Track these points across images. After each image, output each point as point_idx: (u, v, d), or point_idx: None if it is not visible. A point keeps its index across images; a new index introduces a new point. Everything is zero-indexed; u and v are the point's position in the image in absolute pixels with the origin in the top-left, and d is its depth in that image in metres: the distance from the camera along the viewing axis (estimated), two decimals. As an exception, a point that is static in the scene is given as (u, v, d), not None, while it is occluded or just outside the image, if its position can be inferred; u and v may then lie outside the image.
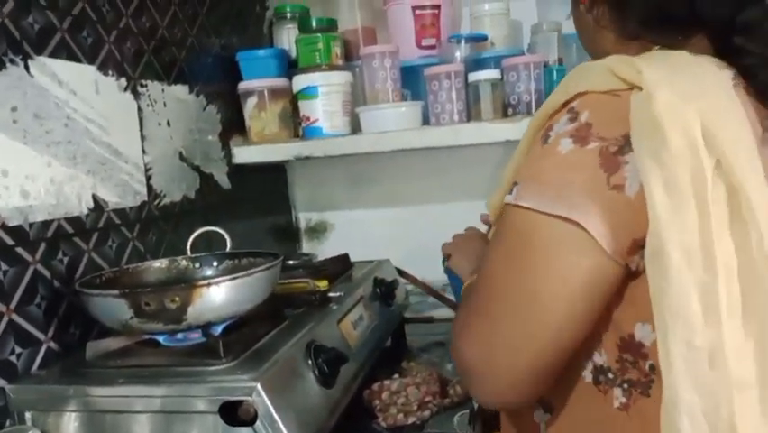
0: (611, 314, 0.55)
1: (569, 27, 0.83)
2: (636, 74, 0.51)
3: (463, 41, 1.35)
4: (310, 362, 0.78)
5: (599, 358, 0.57)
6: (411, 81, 1.36)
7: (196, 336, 0.80)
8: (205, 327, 0.77)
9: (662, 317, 0.49)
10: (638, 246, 0.51)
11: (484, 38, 1.37)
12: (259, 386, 0.66)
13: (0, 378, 0.74)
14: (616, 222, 0.50)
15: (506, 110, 1.27)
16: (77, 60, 0.90)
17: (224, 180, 1.30)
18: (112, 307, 0.74)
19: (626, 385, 0.55)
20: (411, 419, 0.85)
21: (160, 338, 0.80)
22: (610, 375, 0.56)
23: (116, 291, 0.73)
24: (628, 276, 0.53)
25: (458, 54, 1.35)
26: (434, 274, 1.44)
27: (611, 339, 0.56)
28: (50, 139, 0.84)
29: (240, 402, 0.67)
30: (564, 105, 0.55)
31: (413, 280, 1.40)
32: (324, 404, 0.77)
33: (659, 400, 0.50)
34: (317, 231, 1.67)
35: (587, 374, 0.58)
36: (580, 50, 0.92)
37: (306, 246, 1.68)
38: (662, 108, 0.48)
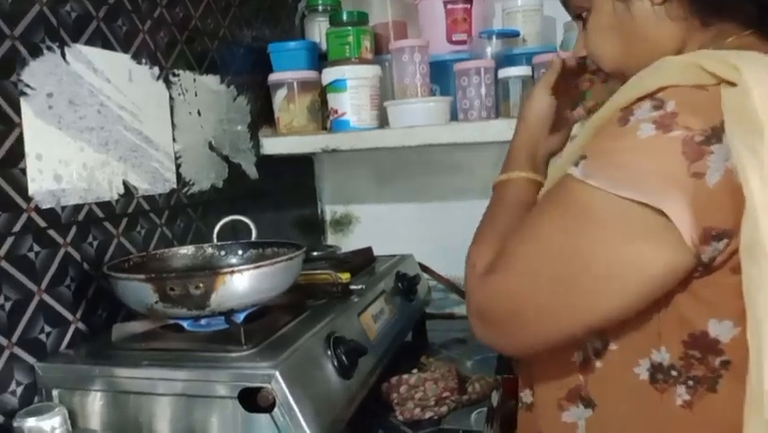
0: (678, 310, 0.55)
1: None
2: (730, 70, 0.51)
3: (495, 37, 1.34)
4: (329, 352, 0.78)
5: (659, 356, 0.57)
6: (440, 76, 1.35)
7: (219, 324, 0.81)
8: (228, 314, 0.78)
9: (755, 312, 0.48)
10: (710, 236, 0.51)
11: (516, 34, 1.36)
12: (277, 374, 0.67)
13: (30, 355, 0.76)
14: (694, 209, 0.50)
15: (535, 107, 1.25)
16: (112, 49, 0.92)
17: (251, 171, 1.31)
18: (138, 291, 0.75)
19: (690, 382, 0.55)
20: (428, 414, 0.85)
21: (184, 323, 0.82)
22: (673, 373, 0.56)
23: (142, 276, 0.75)
24: (694, 271, 0.53)
25: (489, 50, 1.34)
26: (457, 271, 1.43)
27: (676, 336, 0.56)
28: (84, 125, 0.86)
29: (259, 389, 0.67)
30: (640, 99, 0.55)
31: (436, 276, 1.40)
32: (341, 395, 0.77)
33: (727, 395, 0.52)
34: (342, 224, 1.68)
35: (642, 372, 0.58)
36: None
37: (331, 239, 1.69)
38: (759, 104, 0.49)
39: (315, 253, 1.26)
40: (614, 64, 0.68)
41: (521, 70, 1.24)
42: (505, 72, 1.25)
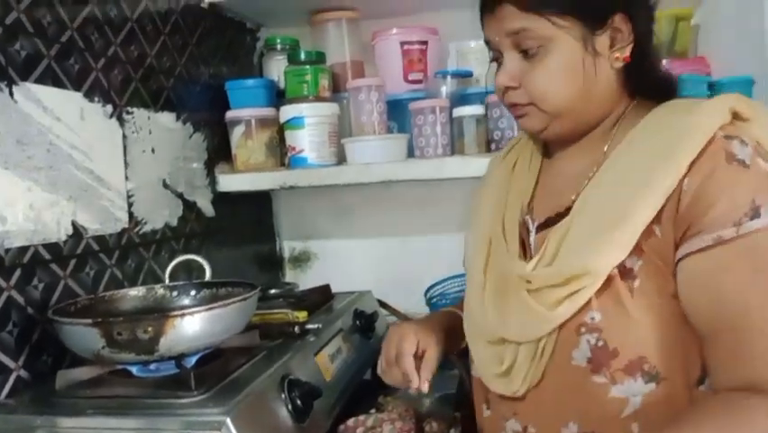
0: None
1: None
2: (751, 110, 0.65)
3: (449, 77, 1.37)
4: (284, 396, 0.77)
5: None
6: (397, 114, 1.38)
7: (169, 368, 0.79)
8: (179, 359, 0.77)
9: None
10: None
11: (469, 74, 1.40)
12: (228, 421, 0.66)
13: (-34, 406, 0.73)
14: None
15: (489, 145, 1.29)
16: (63, 87, 0.91)
17: (207, 208, 1.30)
18: (84, 336, 0.73)
19: None
20: (385, 456, 0.85)
21: (133, 369, 0.79)
22: None
23: (89, 320, 0.73)
24: None
25: (444, 89, 1.37)
26: (416, 306, 1.45)
27: None
28: (32, 164, 0.84)
29: (209, 437, 0.66)
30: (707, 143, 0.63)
31: (394, 312, 1.40)
32: (296, 439, 0.76)
33: None
34: (301, 260, 1.67)
35: None
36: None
37: (290, 275, 1.67)
38: None
39: (272, 291, 1.24)
40: (563, 103, 0.69)
41: (475, 109, 1.27)
42: (459, 111, 1.28)
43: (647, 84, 0.73)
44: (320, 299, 1.20)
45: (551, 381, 0.69)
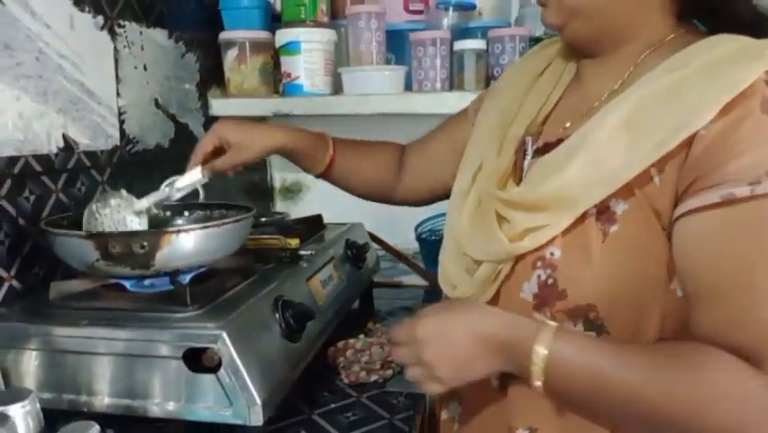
0: None
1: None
2: None
3: (451, 9, 1.34)
4: (277, 315, 0.78)
5: None
6: (395, 46, 1.34)
7: (163, 284, 0.79)
8: (173, 275, 0.77)
9: None
10: None
11: (472, 6, 1.36)
12: (224, 334, 0.66)
13: (-41, 313, 0.73)
14: None
15: (488, 81, 1.27)
16: (52, -8, 0.87)
17: (199, 132, 1.27)
18: (78, 248, 0.73)
19: None
20: (373, 377, 0.87)
21: (127, 283, 0.80)
22: None
23: (83, 232, 0.72)
24: None
25: (445, 21, 1.33)
26: (406, 241, 1.46)
27: None
28: (20, 72, 0.81)
29: (204, 349, 0.67)
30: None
31: (385, 246, 1.41)
32: (288, 357, 0.77)
33: None
34: (292, 191, 1.66)
35: None
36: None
37: (280, 206, 1.67)
38: None
39: (263, 219, 1.24)
40: (595, 5, 0.61)
41: (476, 44, 1.25)
42: (460, 45, 1.25)
43: (701, 5, 0.62)
44: (312, 228, 1.20)
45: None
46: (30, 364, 0.72)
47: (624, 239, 0.57)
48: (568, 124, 0.67)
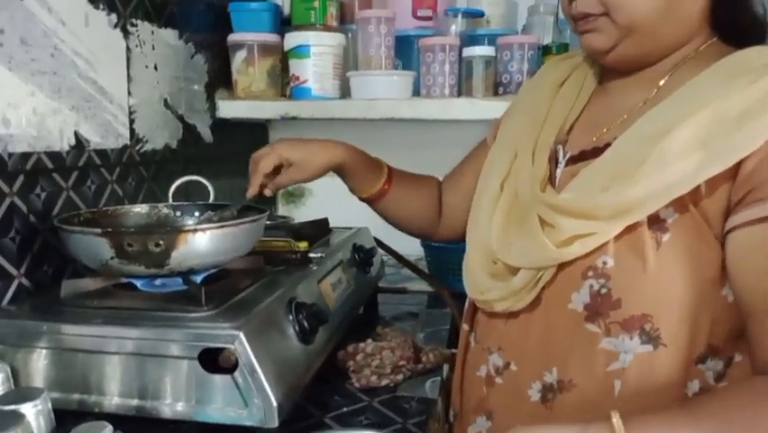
0: None
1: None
2: None
3: (460, 16, 1.34)
4: (291, 317, 0.77)
5: None
6: (403, 52, 1.35)
7: (175, 284, 0.78)
8: (187, 274, 0.76)
9: None
10: None
11: (480, 14, 1.37)
12: (241, 335, 0.66)
13: (-31, 310, 0.72)
14: None
15: (497, 88, 1.27)
16: (68, -11, 0.86)
17: (206, 133, 1.27)
18: (93, 245, 0.72)
19: None
20: (384, 382, 0.86)
21: (138, 283, 0.79)
22: None
23: (98, 230, 0.71)
24: None
25: (453, 28, 1.34)
26: (410, 247, 1.45)
27: None
28: (36, 68, 0.80)
29: (220, 350, 0.66)
30: None
31: (389, 251, 1.40)
32: (301, 360, 0.77)
33: None
34: (295, 195, 1.65)
35: None
36: (574, 35, 0.91)
37: (282, 210, 1.66)
38: None
39: (268, 222, 1.23)
40: (642, 16, 0.60)
41: (485, 50, 1.25)
42: (470, 51, 1.26)
43: (733, 19, 0.63)
44: (318, 231, 1.20)
45: (541, 319, 0.65)
46: (40, 363, 0.71)
47: (677, 247, 0.58)
48: (605, 130, 0.67)
